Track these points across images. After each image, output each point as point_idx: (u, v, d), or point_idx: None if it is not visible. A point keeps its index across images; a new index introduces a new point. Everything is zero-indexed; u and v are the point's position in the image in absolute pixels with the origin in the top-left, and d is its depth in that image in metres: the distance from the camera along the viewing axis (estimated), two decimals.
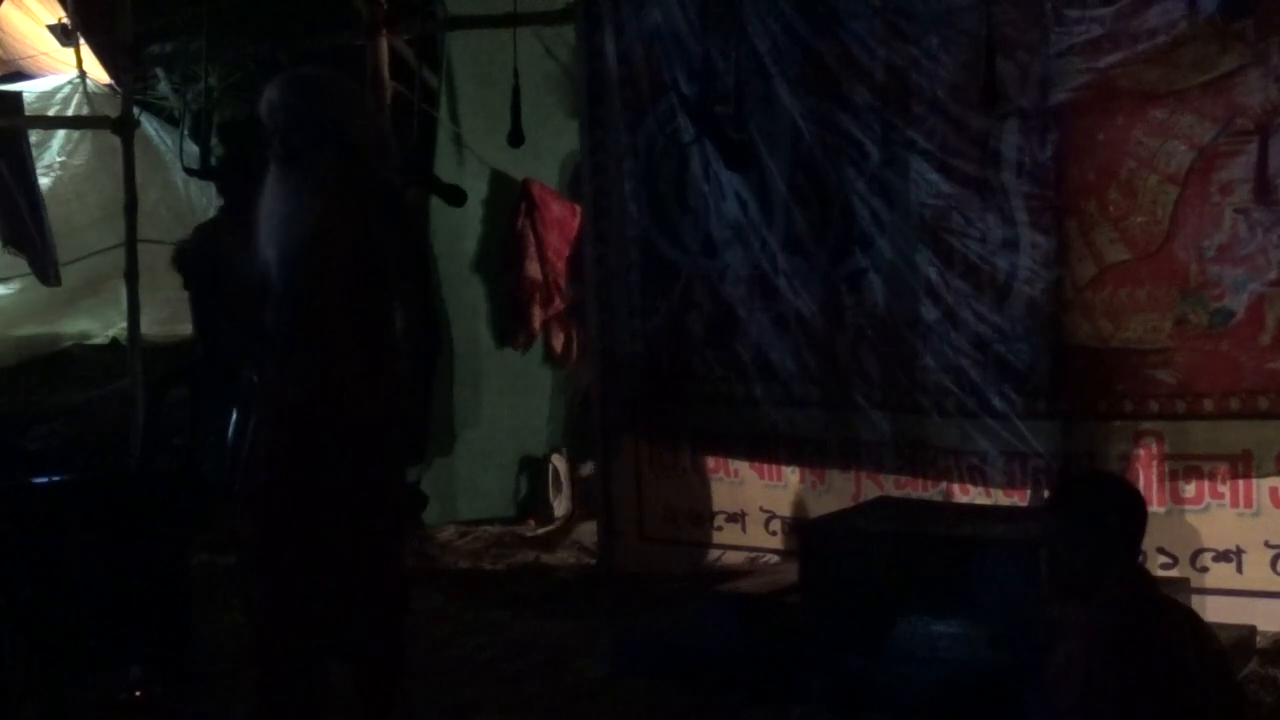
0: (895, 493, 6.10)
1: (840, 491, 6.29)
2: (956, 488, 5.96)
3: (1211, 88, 5.34)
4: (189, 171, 7.55)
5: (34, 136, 10.69)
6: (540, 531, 7.65)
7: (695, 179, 6.47)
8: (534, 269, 7.85)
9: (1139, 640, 3.28)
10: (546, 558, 7.28)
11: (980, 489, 5.88)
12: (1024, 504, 5.77)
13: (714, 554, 6.71)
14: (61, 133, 11.34)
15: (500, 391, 7.86)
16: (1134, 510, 3.47)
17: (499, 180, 7.88)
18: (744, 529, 6.66)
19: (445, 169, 8.06)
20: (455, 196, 6.83)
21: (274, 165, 4.29)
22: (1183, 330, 5.47)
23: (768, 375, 6.35)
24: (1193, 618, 3.54)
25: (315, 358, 4.29)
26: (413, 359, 4.47)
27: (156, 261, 8.90)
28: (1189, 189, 5.41)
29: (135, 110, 8.69)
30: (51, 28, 11.15)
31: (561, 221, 7.87)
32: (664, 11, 6.47)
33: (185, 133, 8.13)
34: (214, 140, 6.72)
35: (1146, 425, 5.56)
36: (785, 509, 6.51)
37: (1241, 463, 5.43)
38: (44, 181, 10.55)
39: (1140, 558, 3.54)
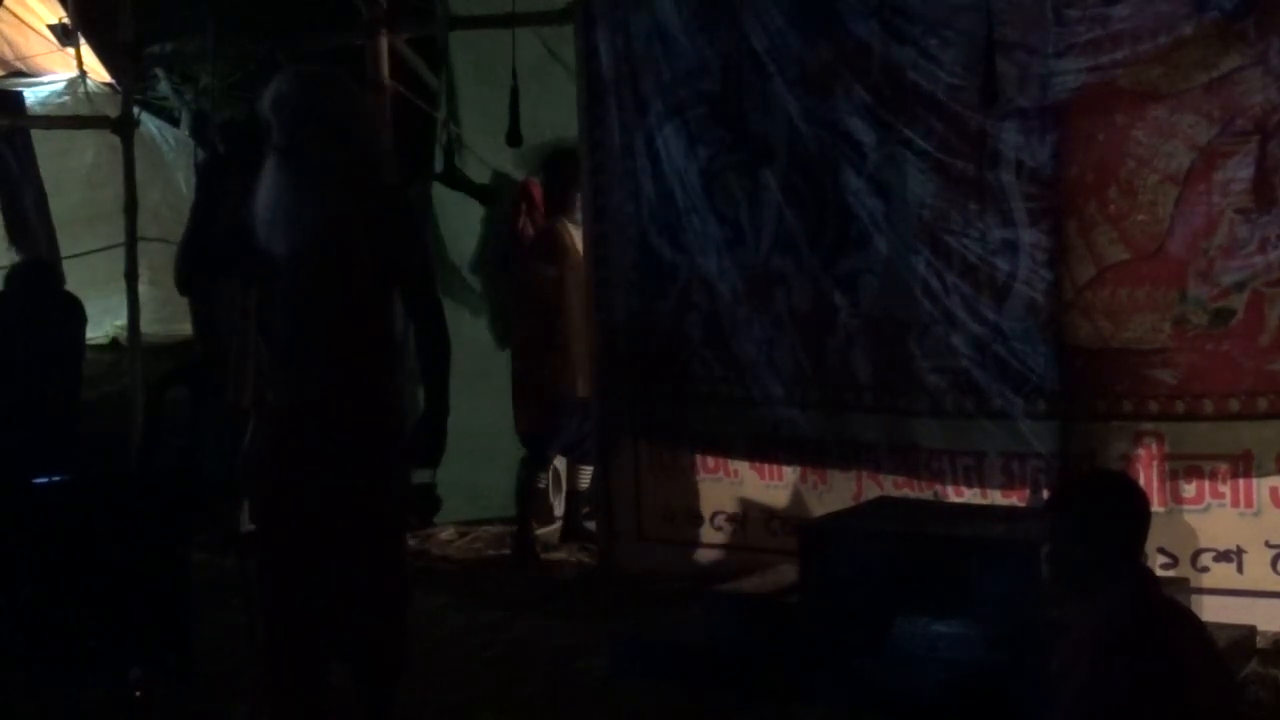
0: (895, 493, 6.10)
1: (840, 491, 6.28)
2: (954, 489, 5.95)
3: (1211, 88, 5.33)
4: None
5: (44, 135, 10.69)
6: (540, 531, 7.64)
7: (692, 179, 6.46)
8: None
9: (1140, 641, 3.28)
10: (546, 557, 7.28)
11: (978, 490, 5.87)
12: (1023, 504, 5.77)
13: (714, 554, 6.71)
14: (62, 132, 11.34)
15: (500, 391, 7.84)
16: (1137, 508, 3.46)
17: (499, 180, 7.87)
18: (744, 529, 6.65)
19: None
20: (487, 196, 6.83)
21: (273, 159, 4.28)
22: (1182, 330, 5.46)
23: (767, 376, 6.35)
24: (1192, 618, 3.54)
25: (318, 356, 4.29)
26: (429, 360, 4.44)
27: (157, 261, 8.93)
28: (1189, 189, 5.41)
29: (135, 110, 8.68)
30: (52, 27, 11.15)
31: None
32: (659, 11, 6.46)
33: (190, 133, 8.13)
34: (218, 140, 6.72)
35: (1146, 425, 5.55)
36: (785, 509, 6.50)
37: (1242, 462, 5.43)
38: (46, 181, 10.53)
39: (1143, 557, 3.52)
